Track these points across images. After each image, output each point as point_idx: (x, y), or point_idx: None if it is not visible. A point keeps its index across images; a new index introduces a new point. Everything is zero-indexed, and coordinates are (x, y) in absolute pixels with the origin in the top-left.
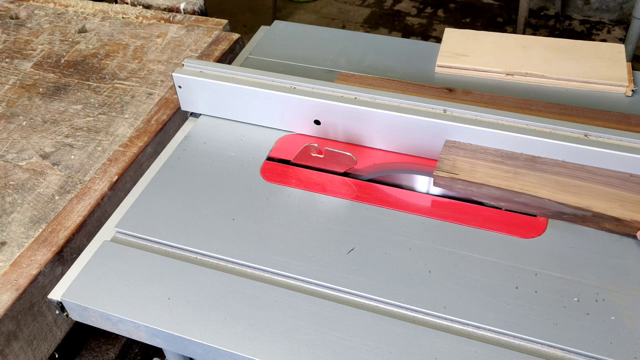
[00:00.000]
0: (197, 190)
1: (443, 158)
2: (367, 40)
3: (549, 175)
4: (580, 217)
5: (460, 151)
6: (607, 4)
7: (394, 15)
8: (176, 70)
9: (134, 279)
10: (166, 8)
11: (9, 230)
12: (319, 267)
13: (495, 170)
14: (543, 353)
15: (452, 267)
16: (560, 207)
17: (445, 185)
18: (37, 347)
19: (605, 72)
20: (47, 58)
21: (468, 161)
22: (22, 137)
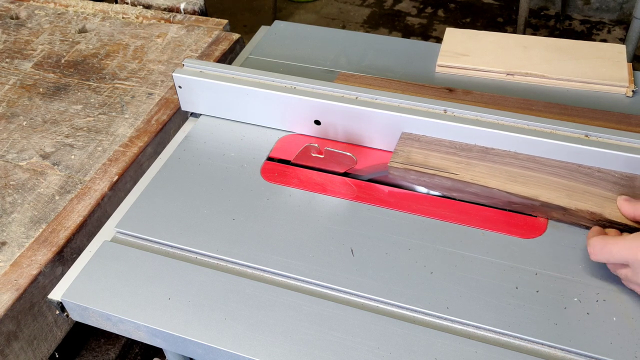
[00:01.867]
0: (197, 190)
1: (398, 149)
2: (367, 41)
3: (500, 166)
4: (529, 207)
5: (416, 143)
6: (607, 4)
7: (394, 15)
8: (176, 70)
9: (134, 279)
10: (166, 8)
11: (9, 230)
12: (319, 267)
13: (447, 161)
14: (543, 353)
15: (452, 267)
16: (509, 196)
17: (400, 175)
18: (38, 347)
19: (605, 73)
20: (48, 58)
21: (422, 152)
22: (22, 137)
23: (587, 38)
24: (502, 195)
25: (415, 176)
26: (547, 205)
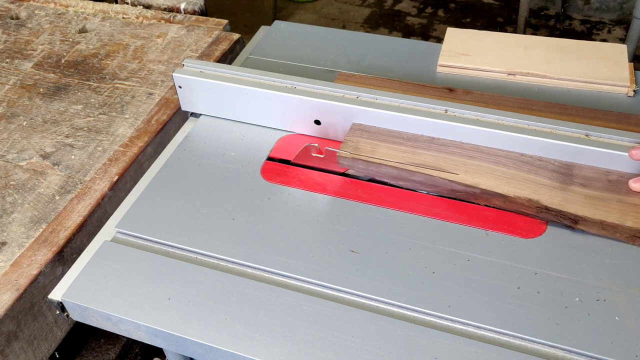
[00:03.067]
0: (197, 190)
1: (347, 140)
2: (368, 40)
3: (445, 155)
4: (471, 194)
5: (365, 133)
6: (607, 4)
7: (394, 15)
8: (176, 71)
9: (135, 279)
10: (166, 8)
11: (10, 230)
12: (319, 267)
13: (394, 151)
14: (544, 353)
15: (452, 267)
16: (451, 184)
17: (348, 165)
18: (38, 347)
19: (607, 73)
20: (48, 58)
21: (370, 142)
22: (22, 137)
23: (587, 38)
24: (445, 183)
25: (364, 165)
26: (487, 192)
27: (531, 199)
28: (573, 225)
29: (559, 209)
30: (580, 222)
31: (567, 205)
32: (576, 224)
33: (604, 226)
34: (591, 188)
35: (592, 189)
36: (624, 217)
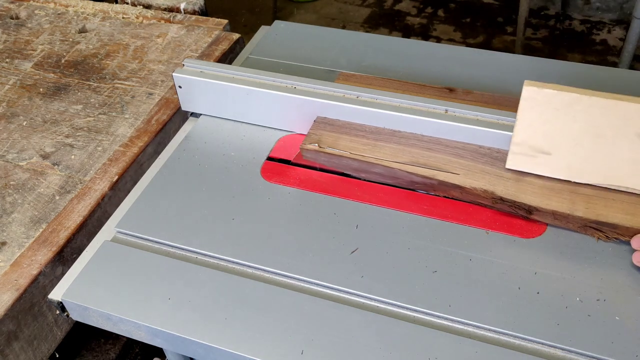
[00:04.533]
0: (197, 190)
1: (311, 132)
2: (368, 40)
3: (405, 147)
4: (430, 186)
5: (328, 126)
6: (607, 4)
7: (394, 15)
8: (176, 70)
9: (135, 279)
10: (166, 8)
11: (10, 230)
12: (319, 267)
13: (356, 144)
14: (544, 353)
15: (453, 266)
16: (410, 176)
17: (312, 157)
18: (38, 347)
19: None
20: (48, 58)
21: (333, 135)
22: (22, 137)
23: (587, 38)
24: (404, 174)
25: (326, 157)
26: (445, 183)
27: (487, 189)
28: (527, 215)
29: (513, 200)
30: (534, 213)
31: (521, 196)
32: (530, 214)
33: (556, 216)
34: (545, 179)
35: (545, 180)
36: (574, 207)
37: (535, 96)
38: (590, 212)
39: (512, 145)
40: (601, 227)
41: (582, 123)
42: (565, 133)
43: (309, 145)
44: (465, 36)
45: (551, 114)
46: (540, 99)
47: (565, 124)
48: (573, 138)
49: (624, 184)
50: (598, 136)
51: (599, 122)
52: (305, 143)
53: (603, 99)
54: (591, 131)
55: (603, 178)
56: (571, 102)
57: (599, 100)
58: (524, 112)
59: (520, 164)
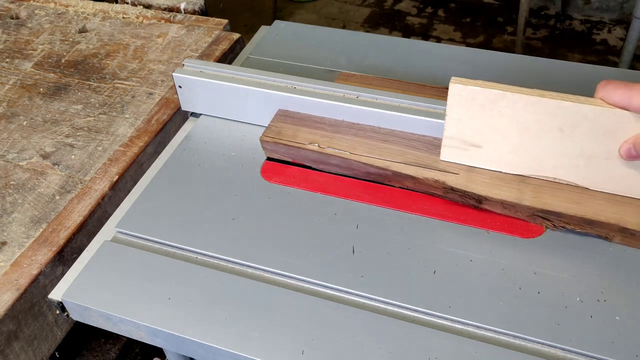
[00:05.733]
0: (197, 190)
1: (271, 125)
2: (368, 40)
3: (362, 139)
4: (384, 176)
5: (289, 119)
6: (607, 4)
7: (395, 15)
8: (176, 70)
9: (135, 279)
10: (166, 8)
11: (10, 230)
12: (319, 267)
13: (314, 135)
14: (544, 353)
15: (453, 266)
16: (365, 167)
17: (271, 148)
18: (38, 347)
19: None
20: (48, 58)
21: (293, 127)
22: (22, 137)
23: (587, 38)
24: (360, 165)
25: (284, 149)
26: (399, 174)
27: (438, 179)
28: (477, 204)
29: (463, 189)
30: (484, 202)
31: (471, 186)
32: (480, 204)
33: (505, 205)
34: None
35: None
36: (522, 196)
37: (461, 93)
38: (537, 201)
39: (444, 138)
40: (548, 216)
41: (508, 118)
42: (492, 127)
43: (267, 137)
44: (466, 36)
45: (478, 110)
46: (466, 95)
47: (492, 118)
48: (501, 132)
49: (551, 174)
50: (524, 130)
51: (523, 117)
52: (264, 135)
53: (526, 95)
54: (517, 126)
55: (531, 169)
56: (496, 99)
57: (523, 97)
58: (452, 108)
59: (454, 156)
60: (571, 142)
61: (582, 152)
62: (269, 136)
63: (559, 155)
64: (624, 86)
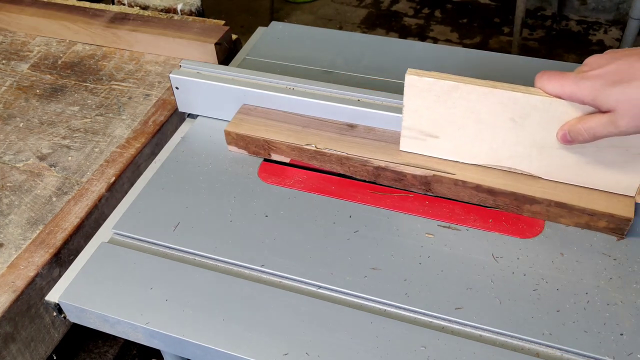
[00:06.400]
0: (194, 191)
1: (234, 118)
2: (365, 41)
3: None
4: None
5: (253, 112)
6: (603, 4)
7: (391, 16)
8: (173, 72)
9: (132, 281)
10: (163, 9)
11: (6, 232)
12: (317, 268)
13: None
14: (543, 353)
15: (452, 267)
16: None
17: (233, 141)
18: (35, 349)
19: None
20: (44, 59)
21: (254, 120)
22: (19, 138)
23: (583, 38)
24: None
25: (244, 142)
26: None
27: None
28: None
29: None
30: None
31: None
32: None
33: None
34: None
35: None
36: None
37: (416, 84)
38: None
39: (403, 129)
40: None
41: (462, 109)
42: (448, 118)
43: (230, 130)
44: (462, 37)
45: (433, 101)
46: (421, 86)
47: (447, 109)
48: (456, 123)
49: (507, 164)
50: (478, 121)
51: (477, 108)
52: (227, 129)
53: (478, 86)
54: (471, 116)
55: (488, 160)
56: (450, 90)
57: (475, 88)
58: (408, 99)
59: (413, 146)
60: (523, 132)
61: (535, 142)
62: (231, 130)
63: (513, 145)
64: (557, 76)
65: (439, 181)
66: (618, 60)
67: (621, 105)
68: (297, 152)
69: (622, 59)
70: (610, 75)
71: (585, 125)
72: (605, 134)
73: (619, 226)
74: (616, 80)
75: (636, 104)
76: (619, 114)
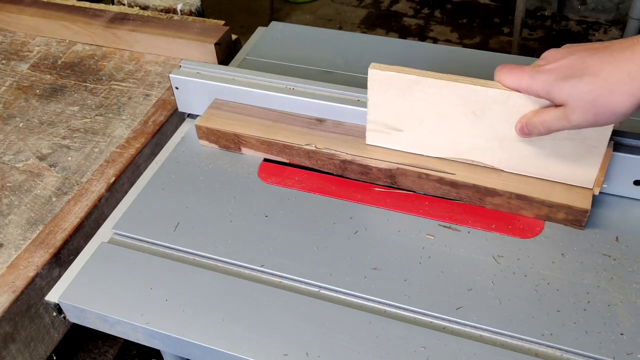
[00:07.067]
0: (194, 191)
1: (205, 112)
2: (364, 41)
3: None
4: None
5: (224, 106)
6: (603, 5)
7: (391, 16)
8: (173, 72)
9: (132, 281)
10: (163, 9)
11: (6, 232)
12: (317, 268)
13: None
14: (544, 354)
15: (452, 268)
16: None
17: (204, 135)
18: (35, 349)
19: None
20: (44, 59)
21: (225, 114)
22: (19, 138)
23: (583, 38)
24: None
25: (214, 137)
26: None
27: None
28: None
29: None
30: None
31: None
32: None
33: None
34: None
35: None
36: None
37: (378, 78)
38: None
39: (368, 123)
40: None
41: (423, 103)
42: (411, 112)
43: (201, 124)
44: (462, 37)
45: (396, 95)
46: (383, 80)
47: (409, 103)
48: (418, 116)
49: (467, 157)
50: (439, 114)
51: (438, 102)
52: (197, 123)
53: (439, 80)
54: (432, 110)
55: (450, 152)
56: (411, 84)
57: (436, 82)
58: (372, 93)
59: (378, 140)
60: (484, 125)
61: (495, 135)
62: (201, 123)
63: (474, 138)
64: (515, 69)
65: (403, 174)
66: (572, 55)
67: (572, 100)
68: (267, 146)
69: (576, 54)
70: (563, 69)
71: (540, 119)
72: (559, 127)
73: (577, 217)
74: (568, 74)
75: (586, 99)
76: (570, 108)
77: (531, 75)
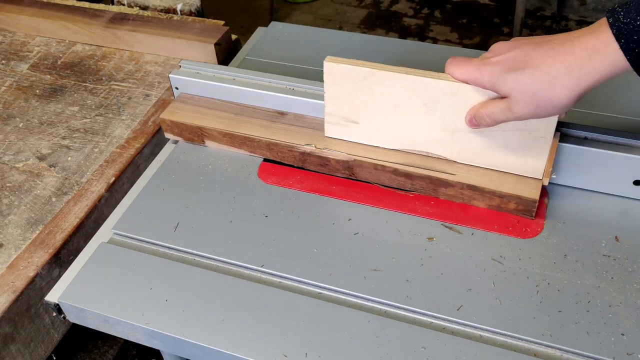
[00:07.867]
0: (194, 191)
1: (170, 106)
2: (364, 41)
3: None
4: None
5: (190, 100)
6: (603, 4)
7: (391, 16)
8: (173, 72)
9: (132, 281)
10: (163, 9)
11: (6, 232)
12: (317, 268)
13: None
14: (544, 354)
15: (451, 268)
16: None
17: (169, 128)
18: (35, 349)
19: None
20: (44, 60)
21: (189, 108)
22: (18, 138)
23: None
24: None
25: (178, 129)
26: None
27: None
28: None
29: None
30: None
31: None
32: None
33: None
34: None
35: None
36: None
37: (334, 71)
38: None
39: (326, 115)
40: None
41: (379, 95)
42: (366, 104)
43: (166, 118)
44: (462, 37)
45: (351, 87)
46: (339, 73)
47: (365, 95)
48: (373, 108)
49: (422, 149)
50: (395, 106)
51: (392, 94)
52: (162, 117)
53: (392, 72)
54: (388, 102)
55: (405, 144)
56: (366, 76)
57: (389, 74)
58: (328, 85)
59: (336, 132)
60: (436, 117)
61: (447, 127)
62: (166, 117)
63: (427, 130)
64: (463, 61)
65: (360, 166)
66: (518, 48)
67: (515, 92)
68: (229, 138)
69: (521, 47)
70: (508, 62)
71: (487, 110)
72: (504, 118)
73: (526, 208)
74: (512, 67)
75: (528, 91)
76: (513, 100)
77: (478, 67)
